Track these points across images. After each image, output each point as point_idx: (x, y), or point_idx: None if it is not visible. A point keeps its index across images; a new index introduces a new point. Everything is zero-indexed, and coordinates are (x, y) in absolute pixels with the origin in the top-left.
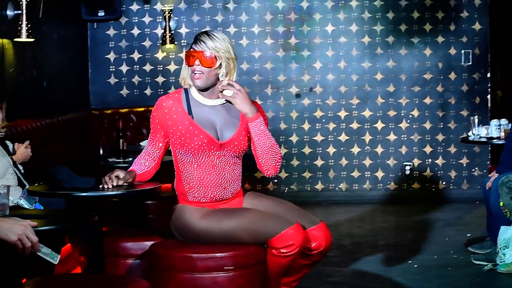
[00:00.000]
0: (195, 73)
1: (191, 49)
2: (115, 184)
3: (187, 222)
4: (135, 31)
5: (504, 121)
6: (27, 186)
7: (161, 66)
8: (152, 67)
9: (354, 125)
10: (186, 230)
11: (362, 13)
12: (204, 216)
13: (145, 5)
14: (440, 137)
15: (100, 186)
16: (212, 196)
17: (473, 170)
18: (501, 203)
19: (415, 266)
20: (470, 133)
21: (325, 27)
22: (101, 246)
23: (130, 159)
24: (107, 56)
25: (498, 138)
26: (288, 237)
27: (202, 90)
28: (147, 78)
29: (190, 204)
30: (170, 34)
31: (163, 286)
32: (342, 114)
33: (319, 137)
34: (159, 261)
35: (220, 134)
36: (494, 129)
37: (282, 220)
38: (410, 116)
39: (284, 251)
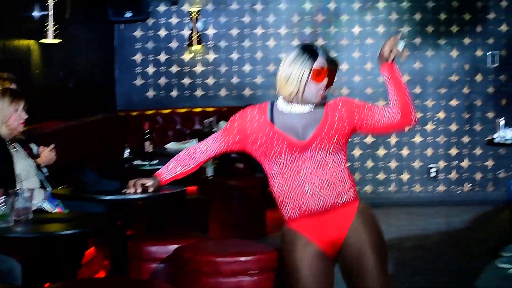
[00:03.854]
0: (321, 90)
1: (322, 66)
2: (139, 191)
3: (282, 251)
4: (162, 32)
5: None
6: (49, 189)
7: (188, 67)
8: (178, 69)
9: None
10: (281, 260)
11: (389, 14)
12: (293, 251)
13: (173, 6)
14: (466, 139)
15: (123, 191)
16: (301, 208)
17: (499, 172)
18: None
19: (441, 268)
20: (496, 135)
21: (352, 29)
22: (125, 250)
23: (156, 161)
24: (133, 58)
25: None
26: None
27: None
28: (173, 80)
29: (290, 225)
30: (197, 35)
31: None
32: None
33: None
34: (184, 264)
35: (302, 135)
36: None
37: None
38: (436, 118)
39: None
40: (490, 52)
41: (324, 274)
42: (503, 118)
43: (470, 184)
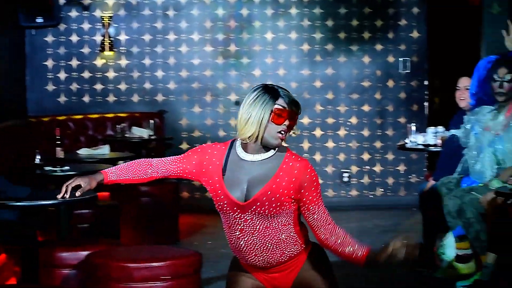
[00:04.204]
0: (282, 133)
1: (283, 107)
2: (67, 196)
3: (228, 275)
4: (74, 38)
5: (440, 128)
6: None
7: (100, 73)
8: (90, 74)
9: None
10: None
11: (302, 21)
12: (235, 275)
13: (84, 12)
14: (378, 144)
15: (57, 195)
16: (246, 261)
17: (410, 177)
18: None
19: (354, 272)
20: (407, 140)
21: (264, 35)
22: (36, 256)
23: (67, 167)
24: (45, 63)
25: (435, 145)
26: None
27: (248, 147)
28: (85, 85)
29: (240, 261)
30: (109, 41)
31: None
32: None
33: None
34: (95, 270)
35: (246, 195)
36: (431, 137)
37: None
38: (349, 123)
39: None
40: (402, 58)
41: None
42: (415, 123)
43: (382, 189)
